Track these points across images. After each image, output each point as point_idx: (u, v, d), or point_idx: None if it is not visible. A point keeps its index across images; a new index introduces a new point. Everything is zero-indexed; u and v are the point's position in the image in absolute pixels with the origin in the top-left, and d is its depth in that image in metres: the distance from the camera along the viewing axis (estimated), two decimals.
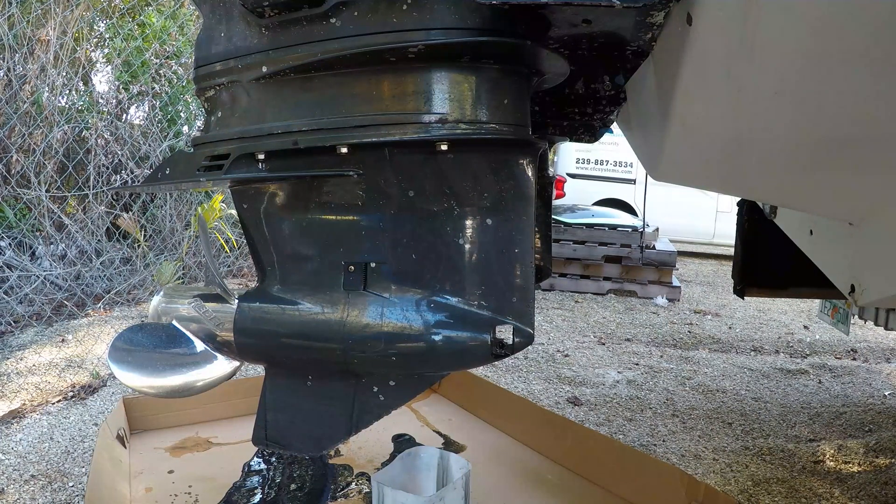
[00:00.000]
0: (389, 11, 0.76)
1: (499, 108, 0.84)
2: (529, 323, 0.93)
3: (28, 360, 2.92)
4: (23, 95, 4.08)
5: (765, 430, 2.49)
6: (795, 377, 3.26)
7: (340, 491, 1.55)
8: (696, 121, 0.89)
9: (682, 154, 1.02)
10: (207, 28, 0.90)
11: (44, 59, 4.10)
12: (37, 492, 1.78)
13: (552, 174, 1.97)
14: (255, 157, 0.85)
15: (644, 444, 2.29)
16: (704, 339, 4.05)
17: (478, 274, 0.88)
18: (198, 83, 0.93)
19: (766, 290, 1.97)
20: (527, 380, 2.97)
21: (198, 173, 0.90)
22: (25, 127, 4.03)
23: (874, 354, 3.84)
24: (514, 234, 0.89)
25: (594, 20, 0.81)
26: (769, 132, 0.76)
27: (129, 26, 4.71)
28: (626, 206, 7.66)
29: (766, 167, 0.89)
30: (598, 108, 1.16)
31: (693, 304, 5.20)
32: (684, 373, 3.22)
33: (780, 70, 0.65)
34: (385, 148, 0.81)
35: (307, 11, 0.78)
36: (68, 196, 4.21)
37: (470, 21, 0.76)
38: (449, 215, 0.85)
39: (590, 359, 3.41)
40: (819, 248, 1.22)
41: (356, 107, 0.80)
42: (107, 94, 4.77)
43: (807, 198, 0.97)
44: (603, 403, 2.69)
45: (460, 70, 0.81)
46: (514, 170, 0.88)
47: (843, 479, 2.04)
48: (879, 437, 2.37)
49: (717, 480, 2.01)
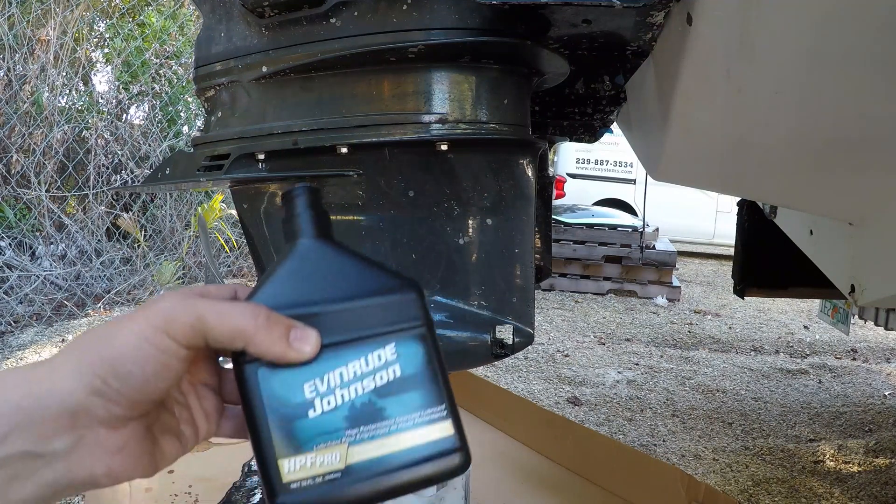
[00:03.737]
0: (389, 11, 0.76)
1: (499, 108, 0.84)
2: (529, 323, 0.93)
3: (28, 360, 2.92)
4: (23, 95, 4.08)
5: (765, 430, 2.49)
6: (795, 377, 3.26)
7: None
8: (695, 121, 0.89)
9: (682, 154, 1.02)
10: (207, 28, 0.90)
11: (44, 59, 4.10)
12: None
13: (552, 174, 1.97)
14: (256, 157, 0.85)
15: (644, 444, 2.29)
16: (704, 339, 4.05)
17: (478, 274, 0.88)
18: (198, 83, 0.93)
19: (766, 290, 1.97)
20: (527, 380, 2.97)
21: (198, 173, 0.90)
22: (25, 127, 4.04)
23: (874, 354, 3.84)
24: (514, 234, 0.89)
25: (594, 20, 0.81)
26: (769, 132, 0.76)
27: (129, 26, 4.72)
28: (626, 206, 7.66)
29: (766, 167, 0.89)
30: (598, 108, 1.16)
31: (693, 304, 5.21)
32: (684, 373, 3.22)
33: (780, 70, 0.65)
34: (385, 148, 0.80)
35: (307, 11, 0.78)
36: (68, 196, 4.21)
37: (470, 21, 0.76)
38: (449, 215, 0.85)
39: (590, 359, 3.41)
40: (819, 248, 1.22)
41: (356, 107, 0.80)
42: (107, 94, 4.77)
43: (807, 198, 0.97)
44: (603, 403, 2.69)
45: (460, 70, 0.81)
46: (514, 170, 0.88)
47: (843, 479, 2.04)
48: (879, 437, 2.37)
49: (717, 480, 2.01)
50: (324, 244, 0.47)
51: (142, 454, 0.42)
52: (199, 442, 0.47)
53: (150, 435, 0.43)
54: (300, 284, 0.45)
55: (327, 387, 0.43)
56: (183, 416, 0.46)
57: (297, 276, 0.46)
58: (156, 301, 0.42)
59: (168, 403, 0.45)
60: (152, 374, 0.40)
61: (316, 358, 0.43)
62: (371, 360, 0.44)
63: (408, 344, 0.45)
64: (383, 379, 0.44)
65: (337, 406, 0.42)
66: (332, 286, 0.46)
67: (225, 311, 0.41)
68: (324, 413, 0.42)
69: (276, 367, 0.42)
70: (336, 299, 0.45)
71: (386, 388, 0.44)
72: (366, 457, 0.42)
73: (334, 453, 0.42)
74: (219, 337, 0.41)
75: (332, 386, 0.43)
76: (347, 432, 0.42)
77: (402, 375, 0.44)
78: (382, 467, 0.42)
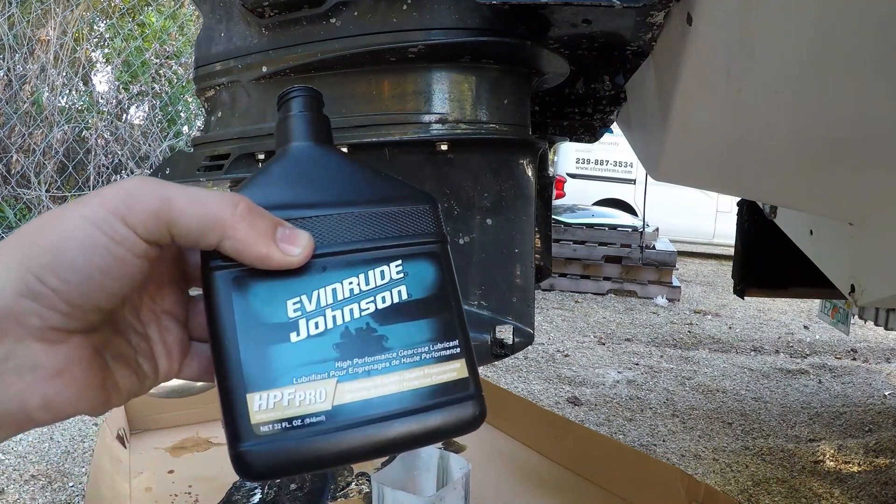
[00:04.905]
0: (389, 11, 0.76)
1: (499, 108, 0.84)
2: (529, 323, 0.93)
3: None
4: (23, 95, 4.08)
5: (765, 430, 2.49)
6: (795, 377, 3.26)
7: (340, 491, 1.55)
8: (695, 121, 0.89)
9: (682, 154, 1.02)
10: (207, 28, 0.90)
11: (44, 59, 4.10)
12: (37, 492, 1.78)
13: (552, 174, 1.97)
14: (256, 157, 0.85)
15: (644, 444, 2.29)
16: (704, 339, 4.05)
17: (478, 274, 0.88)
18: (198, 83, 0.93)
19: (766, 290, 1.97)
20: (527, 380, 2.97)
21: (198, 173, 0.90)
22: (25, 127, 4.04)
23: (874, 354, 3.84)
24: (514, 234, 0.89)
25: (594, 20, 0.81)
26: (769, 132, 0.76)
27: (129, 26, 4.72)
28: (626, 206, 7.66)
29: (766, 167, 0.89)
30: (598, 108, 1.16)
31: (693, 304, 5.20)
32: (684, 373, 3.22)
33: (780, 70, 0.65)
34: (385, 148, 0.81)
35: (307, 11, 0.78)
36: (68, 196, 4.21)
37: (470, 21, 0.76)
38: (449, 215, 0.85)
39: (590, 359, 3.41)
40: (819, 248, 1.22)
41: (356, 107, 0.80)
42: (107, 94, 4.77)
43: (807, 198, 0.97)
44: (603, 403, 2.69)
45: (460, 70, 0.81)
46: (514, 170, 0.88)
47: (843, 479, 2.04)
48: (879, 437, 2.37)
49: (717, 480, 2.01)
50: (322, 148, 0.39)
51: (88, 382, 0.33)
52: (159, 382, 0.39)
53: (99, 359, 0.34)
54: (291, 186, 0.37)
55: (316, 305, 0.34)
56: (141, 348, 0.37)
57: (288, 177, 0.38)
58: (116, 183, 0.33)
59: (122, 327, 0.37)
60: (100, 270, 0.31)
61: (305, 269, 0.34)
62: (372, 277, 0.36)
63: (417, 262, 0.37)
64: (385, 301, 0.35)
65: (326, 330, 0.34)
66: (329, 190, 0.37)
67: (198, 197, 0.32)
68: (309, 337, 0.34)
69: (255, 276, 0.34)
70: (333, 204, 0.37)
71: (388, 312, 0.35)
72: (358, 397, 0.34)
73: (319, 390, 0.33)
74: (187, 227, 0.32)
75: (323, 305, 0.34)
76: (337, 364, 0.34)
77: (408, 299, 0.36)
78: (377, 412, 0.33)
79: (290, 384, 0.33)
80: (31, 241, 0.30)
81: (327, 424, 0.33)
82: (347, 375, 0.34)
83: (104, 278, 0.31)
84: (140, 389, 0.37)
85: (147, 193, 0.32)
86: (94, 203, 0.31)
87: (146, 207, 0.31)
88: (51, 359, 0.31)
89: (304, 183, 0.37)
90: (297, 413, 0.32)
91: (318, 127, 0.40)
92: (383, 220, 0.37)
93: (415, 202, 0.39)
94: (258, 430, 0.32)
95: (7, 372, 0.30)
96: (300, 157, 0.38)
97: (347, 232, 0.36)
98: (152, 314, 0.38)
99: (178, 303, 0.39)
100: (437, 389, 0.35)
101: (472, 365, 0.37)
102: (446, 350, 0.36)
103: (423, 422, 0.34)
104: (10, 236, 0.31)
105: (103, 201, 0.31)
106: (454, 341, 0.36)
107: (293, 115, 0.40)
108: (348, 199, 0.37)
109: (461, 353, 0.36)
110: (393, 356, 0.35)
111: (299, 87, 0.41)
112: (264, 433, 0.32)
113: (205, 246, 0.33)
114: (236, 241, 0.33)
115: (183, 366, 0.40)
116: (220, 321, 0.33)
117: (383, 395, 0.34)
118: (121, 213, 0.31)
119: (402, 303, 0.36)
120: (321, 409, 0.33)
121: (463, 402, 0.35)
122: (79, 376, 0.32)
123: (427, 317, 0.36)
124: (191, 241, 0.33)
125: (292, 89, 0.40)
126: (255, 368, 0.33)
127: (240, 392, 0.32)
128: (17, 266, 0.30)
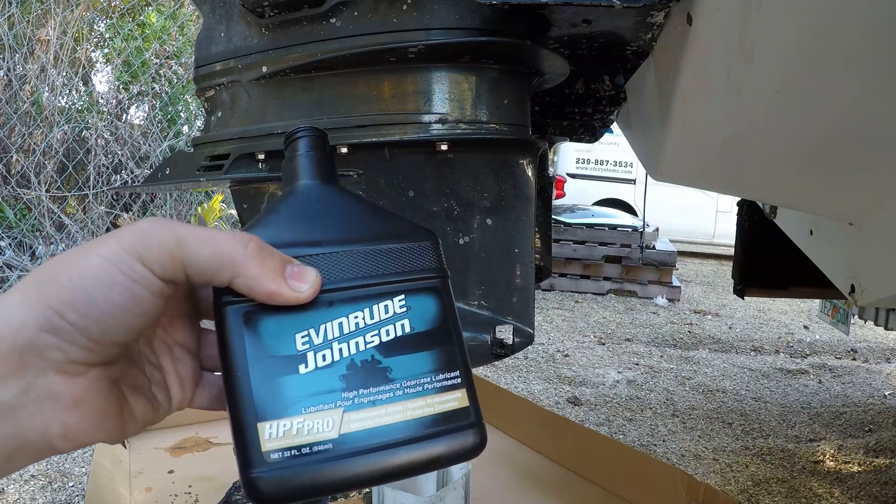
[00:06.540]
0: (389, 11, 0.76)
1: (499, 108, 0.84)
2: (529, 323, 0.93)
3: None
4: (23, 95, 4.08)
5: (765, 430, 2.49)
6: (795, 377, 3.26)
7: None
8: (696, 121, 0.89)
9: (682, 154, 1.02)
10: (207, 28, 0.90)
11: (44, 59, 4.10)
12: (37, 492, 1.78)
13: (552, 174, 1.97)
14: (256, 157, 0.85)
15: (644, 444, 2.29)
16: (704, 339, 4.05)
17: (478, 274, 0.88)
18: (198, 83, 0.93)
19: (766, 290, 1.97)
20: (527, 380, 2.97)
21: (198, 173, 0.90)
22: (25, 127, 4.04)
23: (874, 354, 3.84)
24: (514, 234, 0.89)
25: (594, 20, 0.81)
26: (769, 132, 0.76)
27: (129, 26, 4.72)
28: (626, 206, 7.66)
29: (766, 167, 0.89)
30: (598, 108, 1.16)
31: (693, 304, 5.21)
32: (684, 373, 3.22)
33: (780, 70, 0.65)
34: (385, 148, 0.81)
35: (307, 11, 0.78)
36: (68, 196, 4.21)
37: (470, 21, 0.76)
38: (449, 215, 0.85)
39: (590, 359, 3.41)
40: (819, 248, 1.22)
41: (356, 107, 0.80)
42: (107, 94, 4.77)
43: (807, 198, 0.97)
44: (603, 403, 2.69)
45: (460, 70, 0.81)
46: (514, 170, 0.88)
47: (843, 479, 2.04)
48: (879, 437, 2.37)
49: (717, 480, 2.01)
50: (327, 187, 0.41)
51: (106, 412, 0.34)
52: (172, 411, 0.41)
53: (116, 390, 0.35)
54: (298, 224, 0.39)
55: (323, 339, 0.36)
56: (155, 378, 0.39)
57: (296, 215, 0.40)
58: (131, 224, 0.35)
59: (138, 359, 0.38)
60: (119, 307, 0.32)
61: (313, 304, 0.36)
62: (376, 311, 0.37)
63: (419, 297, 0.39)
64: (389, 334, 0.37)
65: (333, 362, 0.36)
66: (335, 228, 0.39)
67: (210, 237, 0.34)
68: (317, 369, 0.35)
69: (266, 311, 0.36)
70: (339, 241, 0.39)
71: (392, 344, 0.37)
72: (364, 426, 0.35)
73: (326, 419, 0.35)
74: (201, 265, 0.34)
75: (330, 338, 0.36)
76: (344, 394, 0.35)
77: (411, 332, 0.38)
78: (382, 440, 0.35)
79: (298, 414, 0.34)
80: (51, 278, 0.32)
81: (334, 452, 0.34)
82: (353, 405, 0.35)
83: (122, 314, 0.33)
84: (154, 418, 0.39)
85: (162, 234, 0.34)
86: (112, 243, 0.33)
87: (162, 247, 0.33)
88: (70, 390, 0.33)
89: (311, 221, 0.39)
90: (305, 441, 0.34)
91: (324, 166, 0.42)
92: (387, 256, 0.39)
93: (416, 239, 0.41)
94: (268, 458, 0.33)
95: (29, 403, 0.32)
96: (307, 195, 0.41)
97: (353, 268, 0.38)
98: (165, 346, 0.40)
99: (190, 335, 0.41)
100: (439, 418, 0.37)
101: (473, 394, 0.39)
102: (448, 380, 0.38)
103: (426, 450, 0.36)
104: (30, 273, 0.33)
105: (121, 241, 0.33)
106: (455, 372, 0.38)
107: (300, 155, 0.42)
108: (353, 237, 0.39)
109: (462, 383, 0.38)
110: (397, 387, 0.37)
111: (305, 127, 0.43)
112: (274, 460, 0.33)
113: (217, 283, 0.35)
114: (247, 279, 0.34)
115: (195, 395, 0.41)
116: (232, 354, 0.35)
117: (388, 423, 0.36)
118: (138, 252, 0.33)
119: (405, 336, 0.38)
120: (328, 438, 0.34)
121: (464, 431, 0.37)
122: (97, 406, 0.34)
123: (429, 349, 0.38)
124: (204, 278, 0.35)
125: (298, 129, 0.42)
126: (265, 399, 0.34)
127: (251, 421, 0.34)
128: (37, 302, 0.32)
